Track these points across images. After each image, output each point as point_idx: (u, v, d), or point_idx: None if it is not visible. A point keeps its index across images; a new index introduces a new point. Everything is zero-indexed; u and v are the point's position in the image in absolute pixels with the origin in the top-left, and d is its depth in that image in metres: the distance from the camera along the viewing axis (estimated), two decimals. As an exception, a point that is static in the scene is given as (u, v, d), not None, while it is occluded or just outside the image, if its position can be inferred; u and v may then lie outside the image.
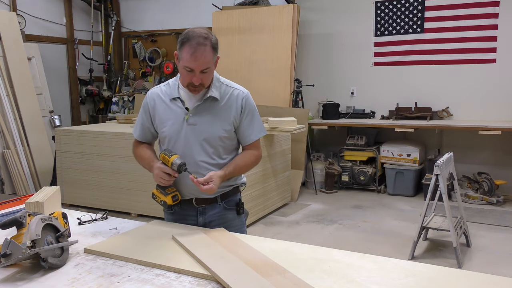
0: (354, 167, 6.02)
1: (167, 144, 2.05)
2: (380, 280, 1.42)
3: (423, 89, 6.01)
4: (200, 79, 1.88)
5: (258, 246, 1.67)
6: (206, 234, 1.80)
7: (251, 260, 1.53)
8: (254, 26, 6.38)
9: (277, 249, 1.68)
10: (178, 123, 2.00)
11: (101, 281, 1.44)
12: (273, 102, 6.07)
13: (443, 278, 1.44)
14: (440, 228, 3.86)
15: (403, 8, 6.04)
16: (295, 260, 1.57)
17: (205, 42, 1.85)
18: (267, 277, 1.39)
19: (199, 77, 1.88)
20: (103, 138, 5.13)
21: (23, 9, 6.68)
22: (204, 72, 1.88)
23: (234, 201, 2.12)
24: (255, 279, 1.39)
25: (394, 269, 1.50)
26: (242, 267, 1.47)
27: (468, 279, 1.43)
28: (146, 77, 7.94)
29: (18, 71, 6.03)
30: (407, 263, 1.58)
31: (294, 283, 1.36)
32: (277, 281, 1.37)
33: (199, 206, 2.05)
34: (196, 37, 1.84)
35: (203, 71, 1.87)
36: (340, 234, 4.46)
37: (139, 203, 4.95)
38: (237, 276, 1.40)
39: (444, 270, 1.51)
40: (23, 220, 1.58)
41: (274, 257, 1.56)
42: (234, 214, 2.12)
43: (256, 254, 1.59)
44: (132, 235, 1.89)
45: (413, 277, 1.43)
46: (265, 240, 1.81)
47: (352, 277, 1.44)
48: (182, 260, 1.57)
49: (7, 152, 5.72)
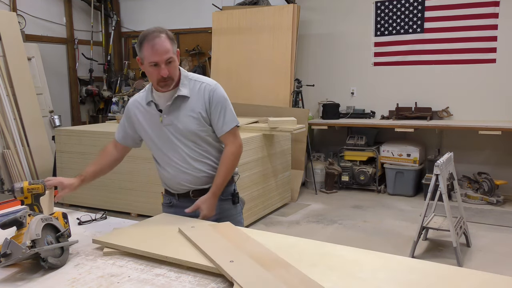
0: (354, 167, 6.02)
1: (153, 147, 2.13)
2: (384, 276, 1.42)
3: (423, 89, 6.01)
4: (167, 70, 1.93)
5: (263, 240, 1.68)
6: (213, 228, 1.81)
7: (256, 254, 1.54)
8: (254, 26, 6.38)
9: (282, 244, 1.68)
10: (156, 126, 2.07)
11: (101, 281, 1.44)
12: (273, 102, 6.07)
13: (448, 276, 1.43)
14: (440, 228, 3.86)
15: (403, 8, 6.04)
16: (300, 254, 1.58)
17: (160, 35, 1.93)
18: (271, 270, 1.40)
19: (166, 69, 1.93)
20: (103, 138, 5.13)
21: (23, 9, 6.69)
22: (169, 62, 1.93)
23: (229, 192, 2.18)
24: (259, 272, 1.40)
25: (398, 266, 1.50)
26: (246, 261, 1.48)
27: (473, 278, 1.43)
28: (146, 77, 7.93)
29: (18, 71, 6.03)
30: (412, 261, 1.59)
31: (297, 277, 1.37)
32: (280, 275, 1.37)
33: (196, 198, 2.08)
34: (150, 33, 1.93)
35: (167, 61, 1.93)
36: (340, 234, 4.46)
37: (139, 203, 4.95)
38: (241, 269, 1.41)
39: (449, 268, 1.51)
40: (23, 220, 1.58)
41: (278, 251, 1.56)
42: (230, 204, 2.19)
43: (260, 248, 1.60)
44: (139, 228, 1.91)
45: (417, 274, 1.43)
46: (270, 234, 1.82)
47: (356, 272, 1.44)
48: (188, 253, 1.58)
49: (7, 152, 5.72)
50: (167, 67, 1.94)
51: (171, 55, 1.93)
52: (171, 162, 2.09)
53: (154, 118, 2.07)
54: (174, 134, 2.05)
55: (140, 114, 2.12)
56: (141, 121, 2.11)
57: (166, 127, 2.05)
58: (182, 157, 2.06)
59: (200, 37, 7.44)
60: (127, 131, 2.20)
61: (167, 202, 2.21)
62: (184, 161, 2.07)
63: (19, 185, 1.87)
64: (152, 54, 1.91)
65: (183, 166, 2.07)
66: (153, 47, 1.90)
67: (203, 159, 2.08)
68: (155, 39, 1.91)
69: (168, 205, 2.20)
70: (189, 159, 2.07)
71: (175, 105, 2.03)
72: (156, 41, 1.90)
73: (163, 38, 1.92)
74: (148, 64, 1.94)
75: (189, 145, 2.06)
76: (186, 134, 2.04)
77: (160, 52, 1.91)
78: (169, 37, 1.95)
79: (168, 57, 1.92)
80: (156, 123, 2.07)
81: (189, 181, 2.08)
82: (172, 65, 1.96)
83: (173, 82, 2.00)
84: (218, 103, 2.05)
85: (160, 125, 2.06)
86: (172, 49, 1.95)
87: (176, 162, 2.08)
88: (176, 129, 2.04)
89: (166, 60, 1.92)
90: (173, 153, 2.07)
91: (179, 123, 2.03)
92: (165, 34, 1.94)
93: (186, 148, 2.06)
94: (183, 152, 2.06)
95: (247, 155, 4.53)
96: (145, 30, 1.97)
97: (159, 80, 1.96)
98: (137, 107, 2.13)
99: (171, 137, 2.05)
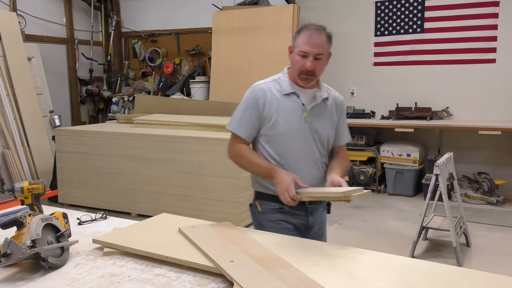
0: (354, 167, 6.02)
1: (280, 141, 1.98)
2: (384, 276, 1.42)
3: (423, 89, 6.01)
4: (313, 65, 1.90)
5: (264, 240, 1.68)
6: (213, 228, 1.81)
7: (256, 254, 1.54)
8: (254, 26, 6.38)
9: (282, 244, 1.69)
10: (295, 119, 1.98)
11: (101, 281, 1.44)
12: (273, 102, 6.06)
13: (447, 276, 1.44)
14: (440, 228, 3.86)
15: (403, 8, 6.04)
16: (300, 254, 1.58)
17: (322, 31, 1.92)
18: (271, 270, 1.40)
19: (313, 63, 1.90)
20: (103, 138, 5.13)
21: (23, 9, 6.68)
22: (318, 58, 1.91)
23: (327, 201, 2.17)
24: (259, 272, 1.40)
25: (398, 266, 1.50)
26: (246, 261, 1.48)
27: (472, 278, 1.43)
28: (146, 77, 7.94)
29: (18, 71, 6.03)
30: (412, 261, 1.59)
31: (297, 277, 1.37)
32: (280, 275, 1.38)
33: (309, 206, 2.03)
34: (312, 25, 1.93)
35: (317, 56, 1.90)
36: (340, 234, 4.46)
37: (139, 203, 4.95)
38: (241, 269, 1.41)
39: (448, 268, 1.51)
40: (23, 220, 1.58)
41: (278, 251, 1.57)
42: (325, 212, 2.19)
43: (261, 248, 1.60)
44: (139, 228, 1.91)
45: (417, 274, 1.44)
46: (270, 234, 1.83)
47: (355, 272, 1.44)
48: (188, 253, 1.58)
49: (7, 152, 5.72)
50: (315, 62, 1.90)
51: (322, 52, 1.91)
52: (299, 162, 1.98)
53: (293, 111, 1.97)
54: (311, 133, 1.99)
55: (276, 102, 1.97)
56: (273, 110, 1.97)
57: (306, 124, 1.98)
58: (312, 159, 2.01)
59: (200, 37, 7.44)
60: (254, 124, 2.00)
61: (275, 208, 2.02)
62: (312, 164, 2.01)
63: (19, 185, 1.87)
64: (306, 43, 1.89)
65: (309, 169, 2.00)
66: (310, 37, 1.89)
67: (322, 166, 2.05)
68: (316, 31, 1.91)
69: (277, 210, 2.02)
70: (318, 163, 2.03)
71: (319, 106, 2.01)
72: (315, 34, 1.90)
73: (322, 34, 1.91)
74: (297, 52, 1.92)
75: (320, 149, 2.02)
76: (322, 137, 2.01)
77: (313, 44, 1.89)
78: (327, 36, 1.94)
79: (319, 52, 1.90)
80: (295, 117, 1.97)
81: (311, 185, 1.94)
82: (319, 62, 1.92)
83: (314, 79, 1.96)
84: (344, 115, 2.14)
85: (300, 120, 1.97)
86: (326, 48, 1.94)
87: (305, 163, 1.99)
88: (314, 129, 1.99)
89: (316, 54, 1.90)
90: (304, 153, 1.99)
91: (318, 125, 2.00)
92: (325, 32, 1.94)
93: (317, 151, 2.02)
94: (314, 154, 2.01)
95: (247, 155, 4.53)
96: (308, 22, 1.96)
97: (301, 72, 1.92)
98: (269, 94, 1.99)
99: (307, 135, 1.99)
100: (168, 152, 4.76)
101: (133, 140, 4.94)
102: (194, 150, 4.62)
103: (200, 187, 4.62)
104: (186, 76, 7.48)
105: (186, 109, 6.07)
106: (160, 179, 4.83)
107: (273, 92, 1.99)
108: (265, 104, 1.97)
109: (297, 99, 1.99)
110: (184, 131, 5.02)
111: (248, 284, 1.32)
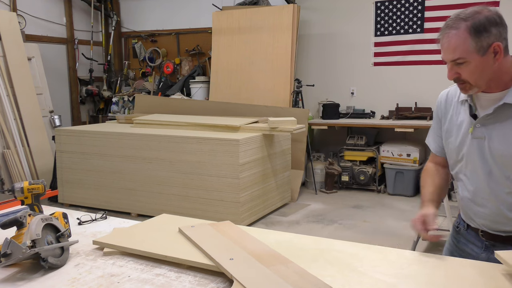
0: (354, 167, 6.03)
1: (452, 163, 1.68)
2: (383, 269, 1.42)
3: (423, 89, 6.01)
4: (454, 73, 1.53)
5: (263, 238, 1.69)
6: (212, 227, 1.82)
7: (255, 251, 1.54)
8: (254, 26, 6.39)
9: (281, 241, 1.69)
10: (463, 134, 1.60)
11: (101, 281, 1.44)
12: (273, 102, 6.07)
13: (447, 267, 1.44)
14: (440, 228, 3.86)
15: (403, 8, 6.04)
16: (299, 250, 1.59)
17: (455, 24, 1.48)
18: (271, 267, 1.41)
19: (452, 71, 1.53)
20: (103, 138, 5.13)
21: (23, 9, 6.69)
22: (459, 63, 1.50)
23: None
24: (258, 269, 1.41)
25: (397, 259, 1.51)
26: (246, 258, 1.49)
27: (471, 267, 1.44)
28: (146, 77, 7.95)
29: (18, 71, 6.03)
30: (411, 253, 1.60)
31: (296, 272, 1.38)
32: (279, 271, 1.38)
33: (487, 241, 1.64)
34: (445, 23, 1.53)
35: (456, 62, 1.50)
36: (340, 234, 4.46)
37: (139, 203, 4.96)
38: (240, 267, 1.42)
39: (448, 259, 1.52)
40: (23, 220, 1.58)
41: (278, 248, 1.57)
42: None
43: (260, 245, 1.61)
44: (139, 228, 1.91)
45: (416, 266, 1.44)
46: (269, 232, 1.83)
47: (355, 266, 1.45)
48: (187, 252, 1.58)
49: (7, 152, 5.72)
50: (457, 68, 1.51)
51: (458, 56, 1.48)
52: (470, 184, 1.62)
53: (462, 124, 1.61)
54: (481, 153, 1.55)
55: (449, 113, 1.68)
56: (448, 121, 1.67)
57: (476, 140, 1.55)
58: (486, 182, 1.56)
59: (200, 37, 7.44)
60: (438, 134, 1.77)
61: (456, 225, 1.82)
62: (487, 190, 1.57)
63: (19, 185, 1.87)
64: (441, 47, 1.54)
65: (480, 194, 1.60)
66: (441, 39, 1.53)
67: None
68: (445, 30, 1.51)
69: (456, 229, 1.82)
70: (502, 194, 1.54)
71: (498, 114, 1.51)
72: (444, 34, 1.51)
73: (454, 32, 1.47)
74: None
75: (503, 171, 1.52)
76: (500, 158, 1.51)
77: (444, 48, 1.52)
78: (470, 29, 1.45)
79: (455, 57, 1.49)
80: (463, 131, 1.60)
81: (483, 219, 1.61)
82: (466, 66, 1.49)
83: (472, 87, 1.53)
84: None
85: (466, 135, 1.58)
86: (467, 47, 1.46)
87: (477, 185, 1.60)
88: (487, 147, 1.53)
89: (452, 60, 1.51)
90: (472, 177, 1.60)
91: (496, 139, 1.51)
92: (464, 23, 1.46)
93: (490, 176, 1.55)
94: (486, 180, 1.56)
95: (247, 155, 4.54)
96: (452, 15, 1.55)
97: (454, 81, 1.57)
98: (446, 102, 1.71)
99: (475, 156, 1.57)
100: (168, 152, 4.76)
101: (133, 140, 4.95)
102: (194, 150, 4.62)
103: (200, 187, 4.63)
104: (186, 76, 7.48)
105: (186, 109, 6.07)
106: (160, 179, 4.83)
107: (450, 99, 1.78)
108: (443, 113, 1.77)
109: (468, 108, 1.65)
110: (184, 131, 5.03)
111: (248, 281, 1.32)
